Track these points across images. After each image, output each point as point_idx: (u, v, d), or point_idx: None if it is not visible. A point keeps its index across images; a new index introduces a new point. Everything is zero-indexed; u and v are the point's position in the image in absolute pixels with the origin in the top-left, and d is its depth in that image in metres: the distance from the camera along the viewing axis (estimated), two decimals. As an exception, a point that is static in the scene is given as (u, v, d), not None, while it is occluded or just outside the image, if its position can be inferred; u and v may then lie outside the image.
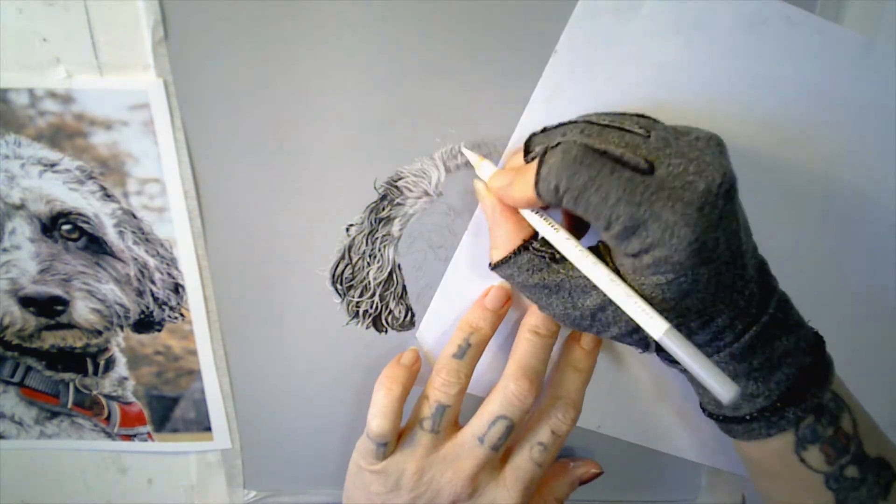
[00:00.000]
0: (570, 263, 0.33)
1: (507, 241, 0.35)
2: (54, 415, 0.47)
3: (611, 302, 0.32)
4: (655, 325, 0.30)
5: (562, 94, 0.37)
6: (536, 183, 0.31)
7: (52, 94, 0.37)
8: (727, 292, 0.31)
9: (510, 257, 0.35)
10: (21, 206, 0.40)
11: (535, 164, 0.32)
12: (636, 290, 0.31)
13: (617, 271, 0.32)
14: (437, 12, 0.36)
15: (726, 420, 0.35)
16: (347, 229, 0.41)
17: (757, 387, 0.33)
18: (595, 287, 0.32)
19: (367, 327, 0.44)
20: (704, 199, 0.29)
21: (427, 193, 0.40)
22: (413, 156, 0.39)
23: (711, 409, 0.36)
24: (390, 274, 0.42)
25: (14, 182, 0.39)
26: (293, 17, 0.36)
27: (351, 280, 0.43)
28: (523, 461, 0.39)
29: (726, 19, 0.36)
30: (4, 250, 0.41)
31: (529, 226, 0.35)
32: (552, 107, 0.37)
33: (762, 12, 0.35)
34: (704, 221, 0.29)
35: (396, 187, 0.40)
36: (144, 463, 0.50)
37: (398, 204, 0.40)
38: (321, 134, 0.39)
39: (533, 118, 0.37)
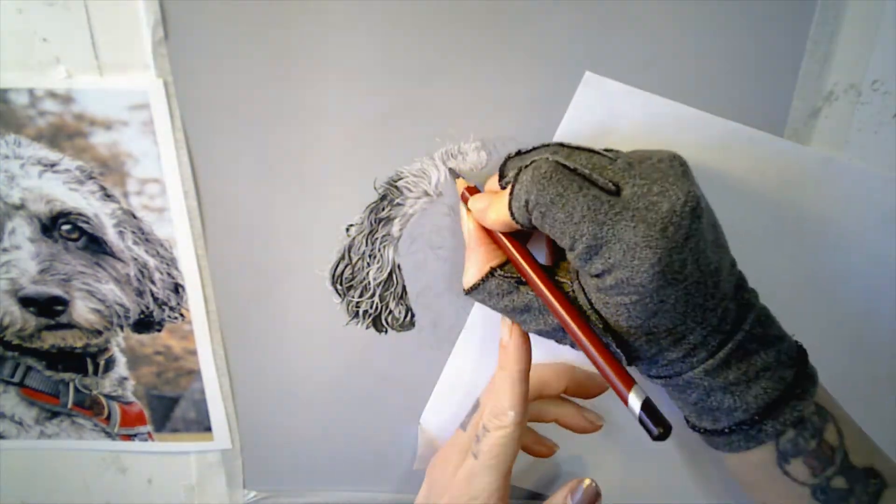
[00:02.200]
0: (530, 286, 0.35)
1: (477, 267, 0.36)
2: (54, 415, 0.47)
3: None
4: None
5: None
6: (510, 202, 0.32)
7: (52, 94, 0.37)
8: (698, 311, 0.31)
9: (480, 283, 0.36)
10: (21, 206, 0.40)
11: (506, 191, 0.33)
12: (596, 314, 0.32)
13: (576, 298, 0.33)
14: (437, 12, 0.36)
15: (707, 433, 0.35)
16: (347, 229, 0.41)
17: (734, 401, 0.32)
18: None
19: (367, 327, 0.44)
20: (668, 220, 0.28)
21: (427, 193, 0.40)
22: (413, 156, 0.39)
23: (694, 422, 0.36)
24: (390, 274, 0.42)
25: (14, 182, 0.39)
26: (293, 18, 0.36)
27: (351, 280, 0.43)
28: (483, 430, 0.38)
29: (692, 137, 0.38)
30: (4, 250, 0.41)
31: (500, 252, 0.36)
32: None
33: (728, 135, 0.38)
34: (668, 243, 0.28)
35: (396, 187, 0.40)
36: (144, 463, 0.50)
37: (398, 204, 0.40)
38: (321, 134, 0.39)
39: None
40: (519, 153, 0.35)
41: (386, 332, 0.44)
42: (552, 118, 0.38)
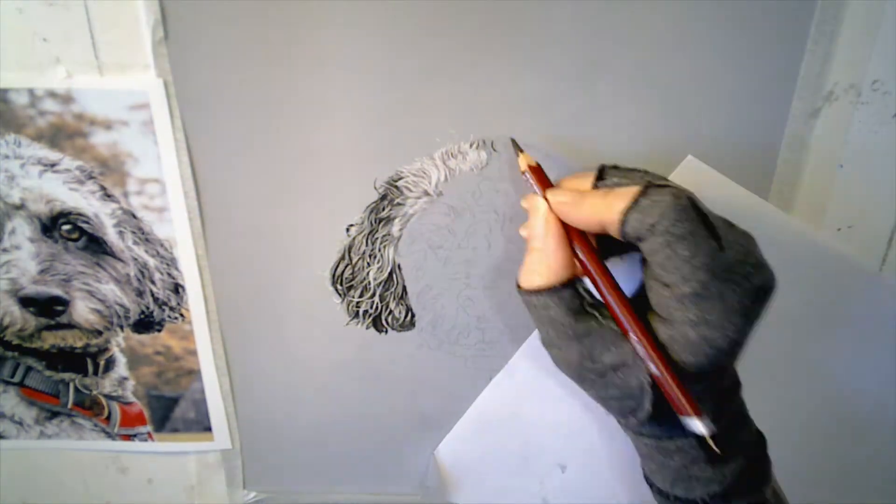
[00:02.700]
0: (605, 313, 0.34)
1: (554, 271, 0.34)
2: (54, 415, 0.47)
3: (627, 363, 0.32)
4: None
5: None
6: (628, 209, 0.30)
7: (52, 94, 0.37)
8: (719, 383, 0.32)
9: (554, 288, 0.33)
10: (21, 206, 0.40)
11: (623, 190, 0.31)
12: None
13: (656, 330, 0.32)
14: (438, 12, 0.36)
15: (676, 499, 0.36)
16: (347, 229, 0.41)
17: (713, 472, 0.33)
18: (616, 346, 0.32)
19: (367, 327, 0.44)
20: (758, 295, 0.30)
21: (427, 193, 0.40)
22: (413, 156, 0.39)
23: (661, 487, 0.36)
24: (390, 274, 0.42)
25: (14, 182, 0.39)
26: (293, 18, 0.36)
27: (351, 280, 0.43)
28: None
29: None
30: (4, 250, 0.41)
31: (575, 264, 0.34)
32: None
33: (797, 238, 0.41)
34: (753, 316, 0.30)
35: (396, 187, 0.40)
36: (144, 463, 0.50)
37: (398, 204, 0.40)
38: (321, 134, 0.39)
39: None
40: (617, 167, 0.34)
41: (386, 332, 0.44)
42: (552, 118, 0.38)
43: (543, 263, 0.34)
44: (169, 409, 0.47)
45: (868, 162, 0.40)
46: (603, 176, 0.34)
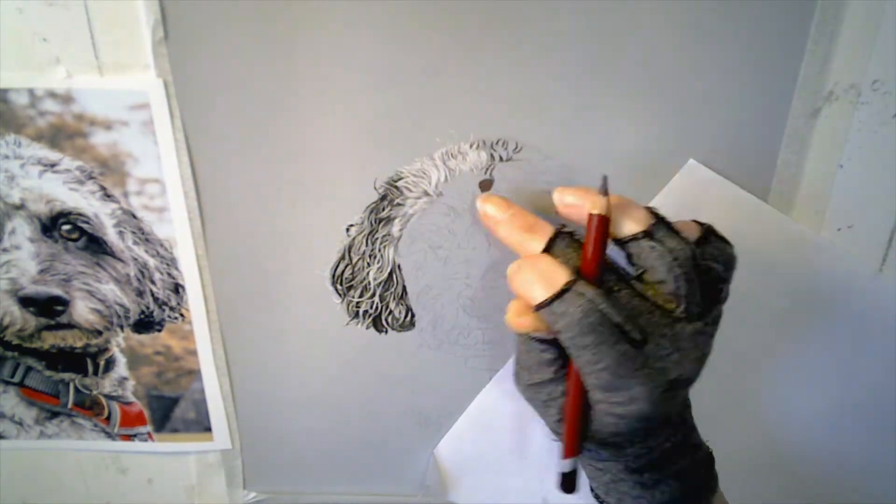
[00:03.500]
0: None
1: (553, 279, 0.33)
2: (54, 415, 0.47)
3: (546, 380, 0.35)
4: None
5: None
6: (541, 306, 0.32)
7: (52, 94, 0.37)
8: (647, 437, 0.34)
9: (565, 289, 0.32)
10: (21, 206, 0.40)
11: (547, 279, 0.32)
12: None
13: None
14: (438, 12, 0.36)
15: None
16: (347, 229, 0.41)
17: (642, 491, 0.36)
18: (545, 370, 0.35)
19: (367, 327, 0.44)
20: (669, 386, 0.32)
21: (427, 193, 0.40)
22: (413, 156, 0.39)
23: (599, 493, 0.38)
24: (390, 274, 0.42)
25: (14, 182, 0.39)
26: (293, 17, 0.36)
27: (351, 280, 0.43)
28: None
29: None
30: (4, 250, 0.41)
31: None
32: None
33: (796, 238, 0.41)
34: (664, 403, 0.32)
35: (396, 187, 0.40)
36: (144, 463, 0.50)
37: (398, 204, 0.40)
38: (321, 134, 0.39)
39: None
40: (571, 236, 0.34)
41: (386, 332, 0.44)
42: (552, 118, 0.38)
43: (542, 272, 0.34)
44: (169, 409, 0.47)
45: (868, 162, 0.40)
46: (552, 244, 0.33)
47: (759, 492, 0.46)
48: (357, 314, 0.44)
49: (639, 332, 0.31)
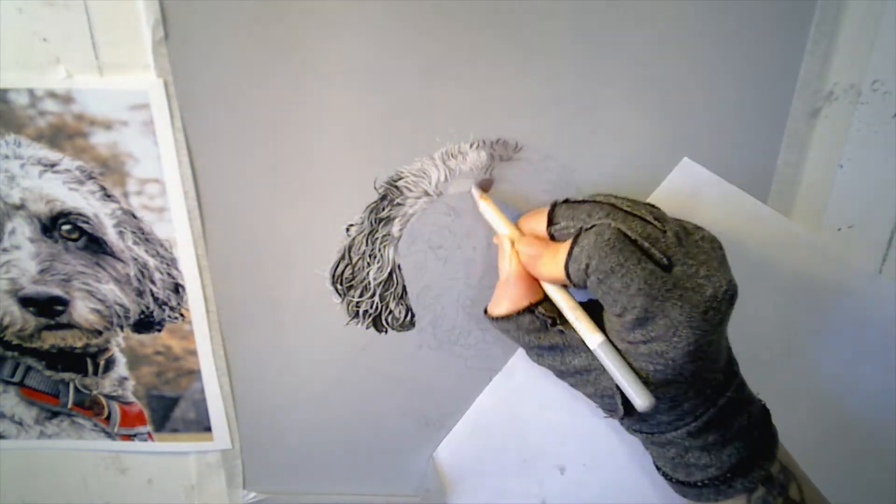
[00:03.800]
0: (568, 328, 0.36)
1: (513, 301, 0.37)
2: (54, 415, 0.47)
3: (595, 367, 0.34)
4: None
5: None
6: (567, 262, 0.33)
7: (52, 94, 0.37)
8: (700, 383, 0.33)
9: (513, 316, 0.36)
10: (21, 206, 0.40)
11: (566, 243, 0.33)
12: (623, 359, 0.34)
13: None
14: (437, 12, 0.36)
15: (679, 483, 0.37)
16: (347, 229, 0.41)
17: (710, 458, 0.35)
18: (586, 349, 0.35)
19: (367, 327, 0.44)
20: (709, 304, 0.31)
21: (427, 193, 0.40)
22: (413, 156, 0.39)
23: (666, 472, 0.38)
24: (390, 274, 0.42)
25: (14, 182, 0.39)
26: (293, 18, 0.36)
27: (351, 280, 0.43)
28: None
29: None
30: (4, 250, 0.41)
31: (539, 291, 0.37)
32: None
33: (793, 238, 0.41)
34: (706, 325, 0.31)
35: (396, 187, 0.40)
36: (144, 463, 0.50)
37: (398, 204, 0.40)
38: (321, 134, 0.39)
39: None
40: (568, 201, 0.36)
41: (386, 332, 0.44)
42: (552, 118, 0.38)
43: (506, 295, 0.37)
44: (169, 409, 0.47)
45: (868, 162, 0.40)
46: (553, 217, 0.36)
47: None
48: (357, 314, 0.44)
49: (661, 254, 0.31)
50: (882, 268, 0.42)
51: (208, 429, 0.48)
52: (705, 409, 0.34)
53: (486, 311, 0.39)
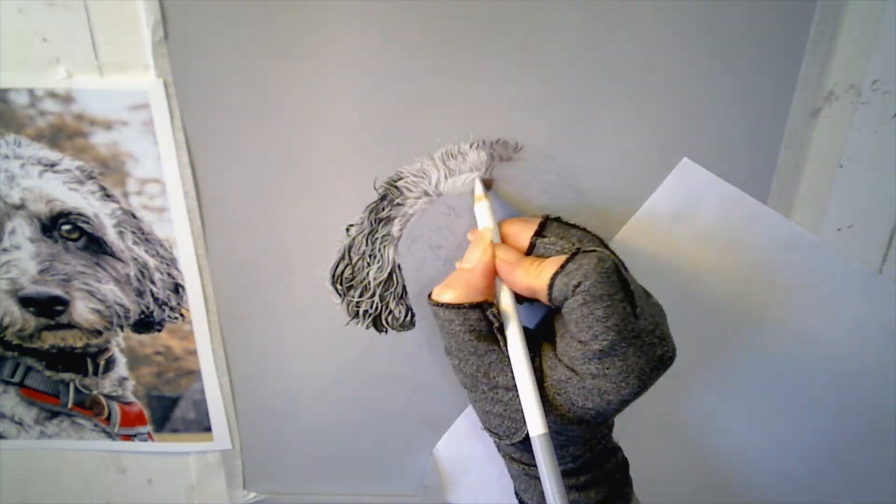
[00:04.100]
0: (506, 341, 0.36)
1: (470, 292, 0.36)
2: (54, 415, 0.47)
3: (515, 386, 0.35)
4: (537, 425, 0.33)
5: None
6: (555, 275, 0.33)
7: (52, 94, 0.37)
8: (599, 431, 0.36)
9: (463, 307, 0.36)
10: (21, 206, 0.40)
11: (554, 258, 0.34)
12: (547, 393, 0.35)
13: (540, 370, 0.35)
14: (438, 12, 0.36)
15: None
16: (347, 229, 0.41)
17: (578, 496, 0.37)
18: (512, 371, 0.35)
19: (367, 327, 0.44)
20: (657, 364, 0.33)
21: (427, 193, 0.40)
22: (413, 156, 0.39)
23: (526, 501, 0.39)
24: (390, 274, 0.42)
25: (14, 182, 0.39)
26: (293, 17, 0.36)
27: (351, 280, 0.43)
28: None
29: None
30: (4, 250, 0.41)
31: (493, 296, 0.37)
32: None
33: (793, 238, 0.41)
34: (649, 382, 0.33)
35: (396, 187, 0.40)
36: (144, 463, 0.50)
37: (398, 204, 0.40)
38: (321, 134, 0.39)
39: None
40: (560, 220, 0.37)
41: (386, 331, 0.44)
42: (552, 118, 0.38)
43: (462, 284, 0.36)
44: (169, 410, 0.47)
45: (868, 162, 0.40)
46: (544, 229, 0.37)
47: (757, 487, 0.46)
48: (357, 314, 0.44)
49: (635, 303, 0.33)
50: (882, 268, 0.42)
51: (208, 429, 0.48)
52: (584, 452, 0.36)
53: (430, 297, 0.37)
